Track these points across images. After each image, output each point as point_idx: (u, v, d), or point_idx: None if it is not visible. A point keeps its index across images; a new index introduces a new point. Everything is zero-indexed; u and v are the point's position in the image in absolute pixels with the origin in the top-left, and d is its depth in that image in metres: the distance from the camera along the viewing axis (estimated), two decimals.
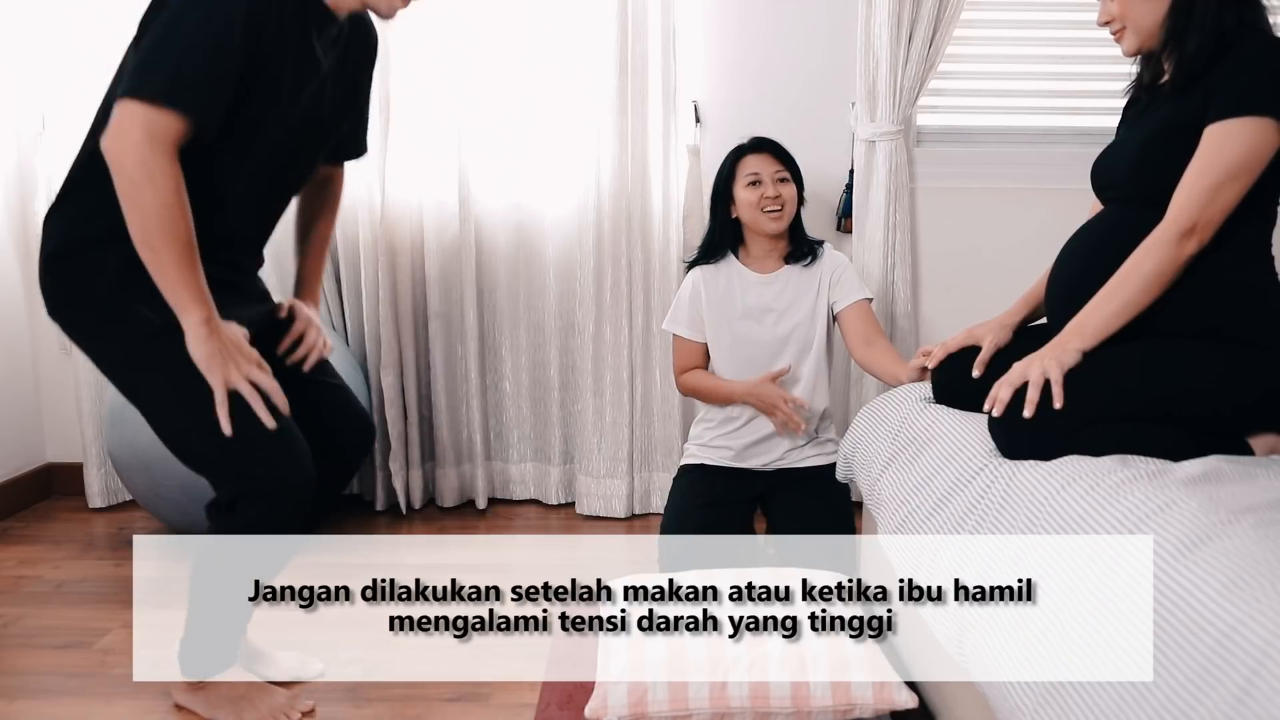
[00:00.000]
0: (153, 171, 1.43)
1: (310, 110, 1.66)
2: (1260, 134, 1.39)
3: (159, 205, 1.45)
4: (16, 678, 1.86)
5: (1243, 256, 1.48)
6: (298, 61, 1.59)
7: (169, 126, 1.44)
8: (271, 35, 1.51)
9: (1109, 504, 1.15)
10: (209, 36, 1.45)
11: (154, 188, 1.44)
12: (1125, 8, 1.54)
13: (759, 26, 2.68)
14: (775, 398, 2.17)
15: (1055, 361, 1.42)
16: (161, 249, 1.47)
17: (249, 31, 1.47)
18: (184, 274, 1.49)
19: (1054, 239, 1.75)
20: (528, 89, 2.69)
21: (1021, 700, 1.12)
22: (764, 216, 2.21)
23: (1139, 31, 1.55)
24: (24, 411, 2.90)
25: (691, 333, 2.31)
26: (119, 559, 2.47)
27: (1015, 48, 2.69)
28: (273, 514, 1.60)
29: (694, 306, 2.30)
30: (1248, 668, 0.84)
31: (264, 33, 1.49)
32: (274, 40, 1.52)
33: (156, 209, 1.45)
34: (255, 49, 1.49)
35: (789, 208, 2.23)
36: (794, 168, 2.26)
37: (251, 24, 1.47)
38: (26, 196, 2.81)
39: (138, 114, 1.43)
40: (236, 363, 1.54)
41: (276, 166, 1.68)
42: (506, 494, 2.90)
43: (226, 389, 1.52)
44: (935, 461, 1.57)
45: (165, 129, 1.44)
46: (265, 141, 1.61)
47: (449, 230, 2.71)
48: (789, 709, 1.51)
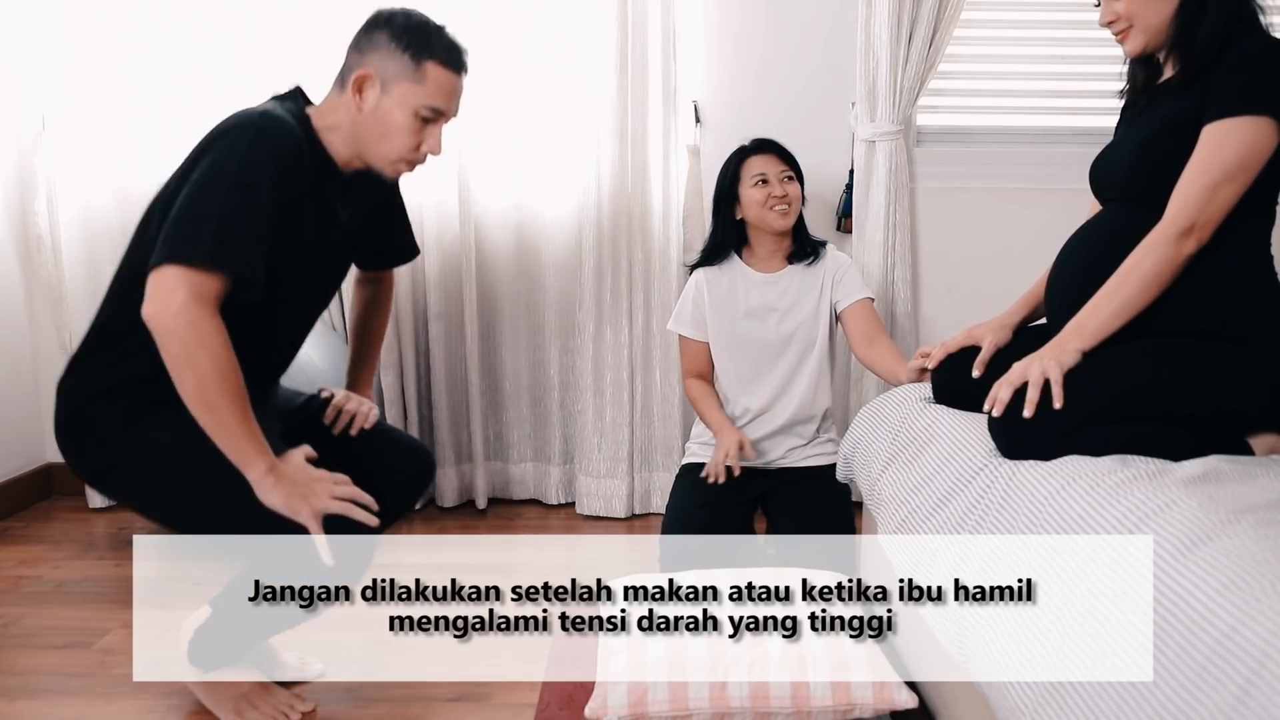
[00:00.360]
0: (205, 333, 1.45)
1: (335, 254, 1.72)
2: (1259, 133, 1.39)
3: (214, 365, 1.46)
4: (16, 678, 1.86)
5: (1242, 255, 1.48)
6: (316, 214, 1.63)
7: (213, 287, 1.46)
8: (295, 190, 1.55)
9: (1109, 504, 1.15)
10: (242, 196, 1.47)
11: (208, 349, 1.45)
12: (1133, 6, 1.53)
13: (759, 26, 2.68)
14: (726, 446, 2.16)
15: (1055, 361, 1.42)
16: (221, 407, 1.47)
17: (278, 189, 1.50)
18: (245, 427, 1.50)
19: (1054, 239, 1.75)
20: (527, 89, 2.68)
21: (1021, 700, 1.12)
22: (772, 213, 2.22)
23: (1146, 30, 1.54)
24: (24, 411, 2.90)
25: (696, 333, 2.32)
26: (119, 559, 2.46)
27: (1015, 48, 2.69)
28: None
29: (697, 307, 2.31)
30: (1248, 668, 0.84)
31: (290, 189, 1.53)
32: (296, 194, 1.55)
33: (213, 369, 1.46)
34: (281, 205, 1.52)
35: (794, 206, 2.25)
36: (798, 168, 2.28)
37: (280, 181, 1.51)
38: (26, 196, 2.81)
39: (182, 279, 1.44)
40: (315, 492, 1.52)
41: (303, 305, 1.74)
42: (506, 494, 2.91)
43: (317, 519, 1.51)
44: (935, 461, 1.57)
45: (210, 290, 1.46)
46: (290, 288, 1.64)
47: (449, 231, 2.71)
48: (789, 709, 1.51)
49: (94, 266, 2.73)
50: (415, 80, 1.60)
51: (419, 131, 1.63)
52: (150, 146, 2.69)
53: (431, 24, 1.64)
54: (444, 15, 2.53)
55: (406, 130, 1.62)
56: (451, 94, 1.65)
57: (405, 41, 1.60)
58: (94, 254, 2.73)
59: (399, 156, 1.65)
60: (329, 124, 1.66)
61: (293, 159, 1.54)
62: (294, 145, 1.55)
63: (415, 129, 1.63)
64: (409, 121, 1.62)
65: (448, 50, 1.62)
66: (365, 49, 1.62)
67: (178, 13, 2.63)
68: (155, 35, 2.64)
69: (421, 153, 1.66)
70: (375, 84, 1.61)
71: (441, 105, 1.63)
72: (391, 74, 1.60)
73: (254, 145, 1.50)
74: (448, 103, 1.64)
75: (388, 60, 1.60)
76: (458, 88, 1.66)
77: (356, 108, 1.62)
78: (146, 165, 2.70)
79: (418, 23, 1.62)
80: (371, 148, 1.65)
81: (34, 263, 2.84)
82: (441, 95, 1.62)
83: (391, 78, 1.60)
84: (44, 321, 2.91)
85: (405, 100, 1.61)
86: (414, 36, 1.60)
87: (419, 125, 1.63)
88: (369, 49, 1.62)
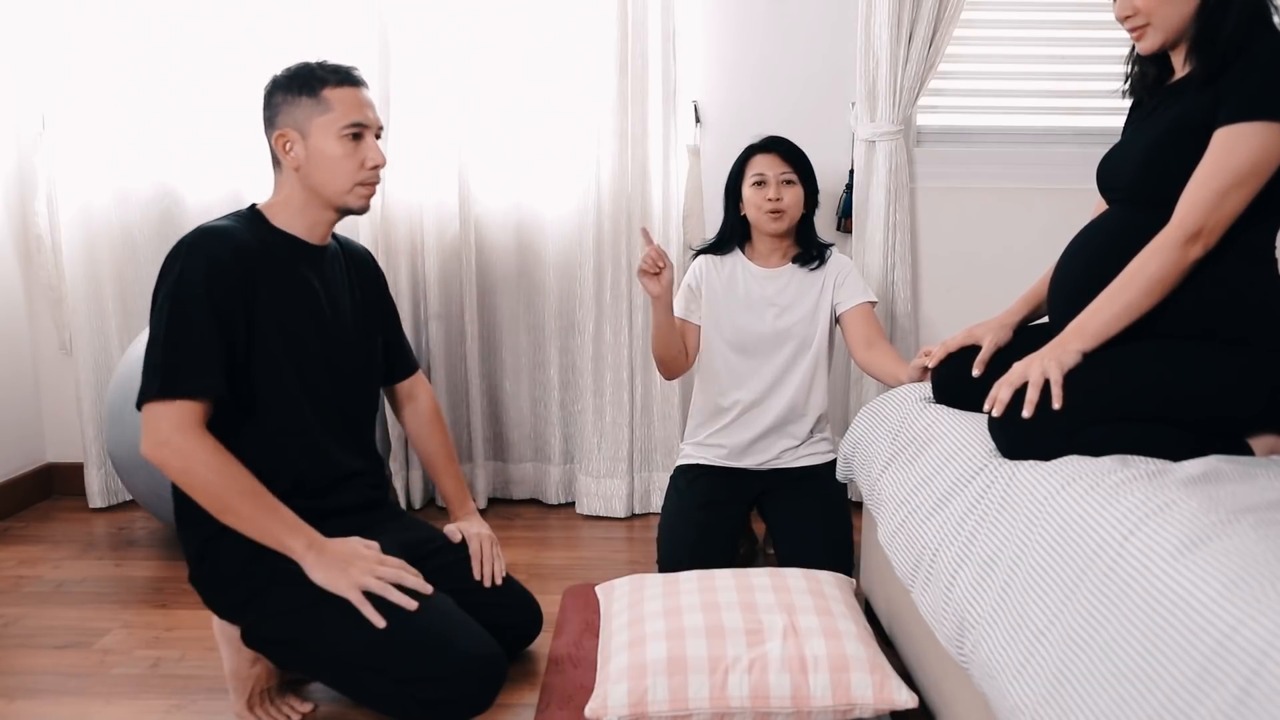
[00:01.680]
0: (193, 453, 1.55)
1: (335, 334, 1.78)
2: (1270, 139, 1.38)
3: (214, 474, 1.56)
4: (16, 678, 1.86)
5: (1246, 259, 1.47)
6: (293, 295, 1.71)
7: (188, 412, 1.56)
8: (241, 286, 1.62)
9: (1109, 504, 1.15)
10: (179, 320, 1.58)
11: (202, 464, 1.56)
12: (1152, 4, 1.50)
13: (759, 26, 2.68)
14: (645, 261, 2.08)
15: (1055, 362, 1.42)
16: (239, 508, 1.57)
17: (215, 295, 1.59)
18: (270, 516, 1.59)
19: (1054, 239, 1.75)
20: (528, 89, 2.69)
21: (1021, 700, 1.12)
22: (765, 217, 2.21)
23: (1164, 28, 1.51)
24: (24, 411, 2.90)
25: (686, 315, 2.30)
26: (119, 559, 2.47)
27: (1015, 48, 2.69)
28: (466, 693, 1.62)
29: (693, 291, 2.30)
30: (1248, 668, 0.84)
31: (233, 289, 1.61)
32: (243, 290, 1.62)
33: (215, 478, 1.56)
34: (234, 311, 1.61)
35: (791, 211, 2.22)
36: (803, 169, 2.24)
37: (216, 286, 1.59)
38: (26, 196, 2.81)
39: (157, 413, 1.56)
40: (355, 566, 1.60)
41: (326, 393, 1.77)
42: (506, 494, 2.91)
43: (360, 592, 1.58)
44: (935, 461, 1.57)
45: (186, 415, 1.56)
46: (301, 374, 1.72)
47: (449, 230, 2.71)
48: (789, 709, 1.51)
49: (94, 266, 2.73)
50: (323, 111, 1.69)
51: (355, 151, 1.71)
52: (150, 147, 2.69)
53: (310, 63, 1.72)
54: (444, 15, 2.58)
55: (343, 155, 1.70)
56: (360, 105, 1.72)
57: (297, 87, 1.69)
58: (94, 254, 2.73)
59: (351, 181, 1.72)
60: (279, 202, 1.75)
61: (229, 258, 1.61)
62: (229, 245, 1.62)
63: (350, 150, 1.70)
64: (341, 146, 1.69)
65: (334, 73, 1.71)
66: (274, 118, 1.72)
67: (177, 13, 2.63)
68: (155, 35, 2.64)
69: (368, 167, 1.73)
70: (295, 137, 1.69)
71: (358, 118, 1.70)
72: (303, 120, 1.69)
73: (185, 266, 1.59)
74: (362, 114, 1.71)
75: (293, 111, 1.69)
76: (363, 99, 1.73)
77: (293, 167, 1.71)
78: (146, 165, 2.71)
79: (298, 69, 1.72)
80: (327, 189, 1.72)
81: (34, 263, 2.85)
82: (352, 109, 1.70)
83: (304, 122, 1.69)
84: (44, 321, 2.91)
85: (326, 131, 1.69)
86: (301, 79, 1.70)
87: (352, 146, 1.71)
88: (275, 115, 1.71)
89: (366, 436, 1.89)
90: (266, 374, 1.67)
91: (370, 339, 1.89)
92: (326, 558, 1.59)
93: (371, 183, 1.75)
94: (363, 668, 1.59)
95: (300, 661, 1.66)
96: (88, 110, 2.64)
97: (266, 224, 1.73)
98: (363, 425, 1.88)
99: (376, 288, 1.95)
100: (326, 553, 1.60)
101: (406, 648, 1.57)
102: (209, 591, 1.69)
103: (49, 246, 2.77)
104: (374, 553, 1.64)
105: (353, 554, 1.61)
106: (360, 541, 1.66)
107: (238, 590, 1.64)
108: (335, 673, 1.64)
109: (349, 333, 1.82)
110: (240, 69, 2.64)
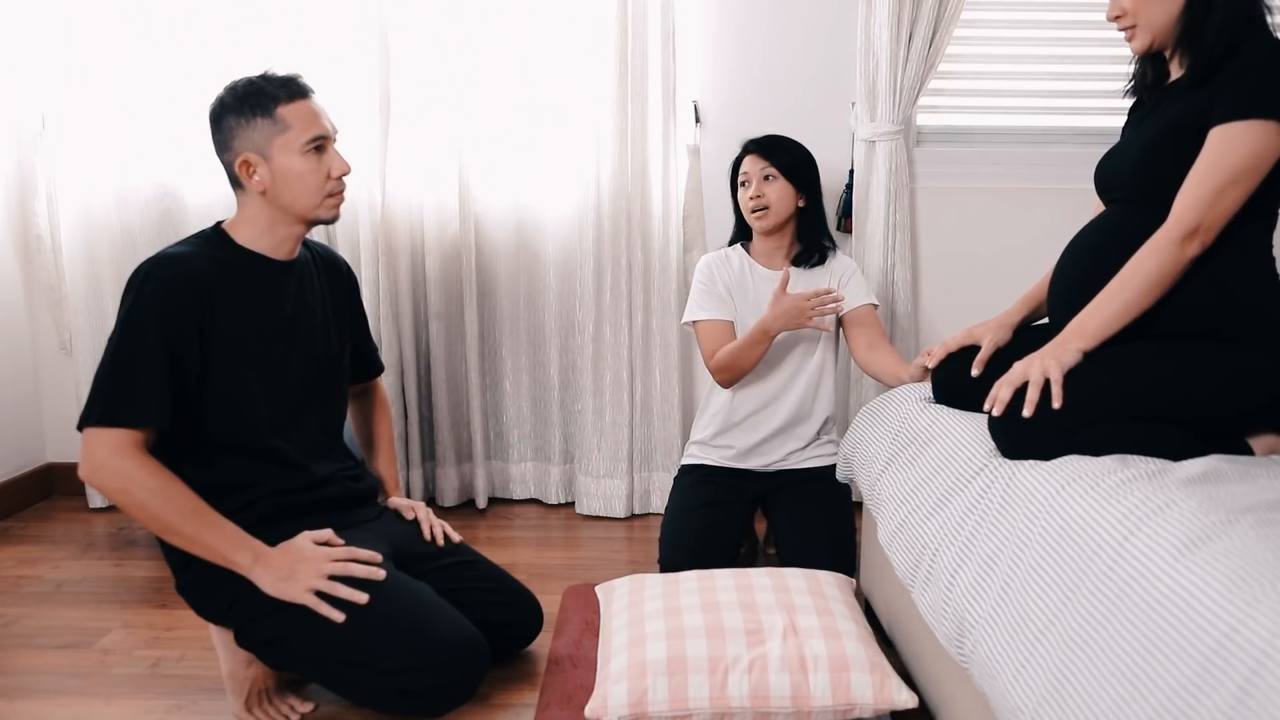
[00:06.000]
0: (129, 476, 1.56)
1: (302, 342, 1.77)
2: (1265, 137, 1.38)
3: (152, 496, 1.56)
4: (16, 678, 1.86)
5: (1244, 257, 1.47)
6: (256, 313, 1.70)
7: (124, 439, 1.57)
8: (197, 308, 1.61)
9: (1109, 504, 1.15)
10: (127, 349, 1.58)
11: (139, 486, 1.56)
12: (1137, 4, 1.52)
13: (759, 26, 2.68)
14: (798, 305, 2.06)
15: (1055, 361, 1.42)
16: (180, 526, 1.58)
17: (168, 333, 1.58)
18: (213, 534, 1.59)
19: (1054, 239, 1.75)
20: (528, 89, 2.69)
21: (1021, 700, 1.12)
22: (751, 217, 2.24)
23: (1150, 29, 1.53)
24: (24, 411, 2.90)
25: (718, 312, 2.26)
26: (119, 559, 2.47)
27: (1015, 48, 2.69)
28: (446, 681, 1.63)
29: (712, 289, 2.28)
30: (1248, 668, 0.84)
31: (188, 323, 1.60)
32: (198, 312, 1.61)
33: (153, 500, 1.56)
34: (187, 340, 1.60)
35: (776, 206, 2.22)
36: (788, 163, 2.23)
37: (170, 310, 1.59)
38: (26, 196, 2.81)
39: (94, 438, 1.57)
40: (301, 573, 1.60)
41: (293, 397, 1.77)
42: (506, 494, 2.91)
43: (314, 595, 1.59)
44: (935, 461, 1.57)
45: (122, 441, 1.56)
46: (262, 385, 1.71)
47: (449, 230, 2.71)
48: (789, 709, 1.51)
49: (94, 266, 2.73)
50: (281, 130, 1.67)
51: (320, 164, 1.70)
52: (150, 147, 2.69)
53: (255, 80, 1.69)
54: (444, 15, 2.58)
55: (309, 170, 1.69)
56: (316, 116, 1.70)
57: (249, 108, 1.66)
58: (94, 254, 2.73)
59: (320, 194, 1.71)
60: (243, 220, 1.73)
61: (182, 286, 1.60)
62: (182, 273, 1.61)
63: (315, 164, 1.69)
64: (305, 162, 1.68)
65: (283, 87, 1.68)
66: (227, 142, 1.68)
67: (177, 13, 2.63)
68: (155, 35, 2.64)
69: (334, 177, 1.72)
70: (257, 160, 1.67)
71: (318, 131, 1.69)
72: (262, 142, 1.67)
73: (139, 293, 1.59)
74: (320, 125, 1.70)
75: (249, 134, 1.67)
76: (316, 108, 1.71)
77: (259, 190, 1.69)
78: (146, 165, 2.71)
79: (243, 88, 1.68)
80: (297, 206, 1.71)
81: (34, 263, 2.85)
82: (310, 124, 1.68)
83: (264, 144, 1.67)
84: (44, 321, 2.91)
85: (288, 149, 1.67)
86: (251, 99, 1.67)
87: (316, 159, 1.70)
88: (229, 139, 1.68)
89: (337, 437, 1.89)
90: (231, 391, 1.67)
91: (341, 345, 1.89)
92: (273, 569, 1.59)
93: (339, 192, 1.74)
94: (346, 663, 1.59)
95: (289, 661, 1.67)
96: (88, 110, 2.64)
97: (231, 244, 1.72)
98: (334, 428, 1.88)
99: (347, 292, 1.94)
100: (272, 564, 1.60)
101: (384, 640, 1.57)
102: (195, 598, 1.69)
103: (49, 246, 2.77)
104: (320, 549, 1.63)
105: (299, 559, 1.61)
106: (308, 536, 1.65)
107: (221, 595, 1.64)
108: (322, 670, 1.64)
109: (320, 342, 1.82)
110: (240, 69, 2.61)
